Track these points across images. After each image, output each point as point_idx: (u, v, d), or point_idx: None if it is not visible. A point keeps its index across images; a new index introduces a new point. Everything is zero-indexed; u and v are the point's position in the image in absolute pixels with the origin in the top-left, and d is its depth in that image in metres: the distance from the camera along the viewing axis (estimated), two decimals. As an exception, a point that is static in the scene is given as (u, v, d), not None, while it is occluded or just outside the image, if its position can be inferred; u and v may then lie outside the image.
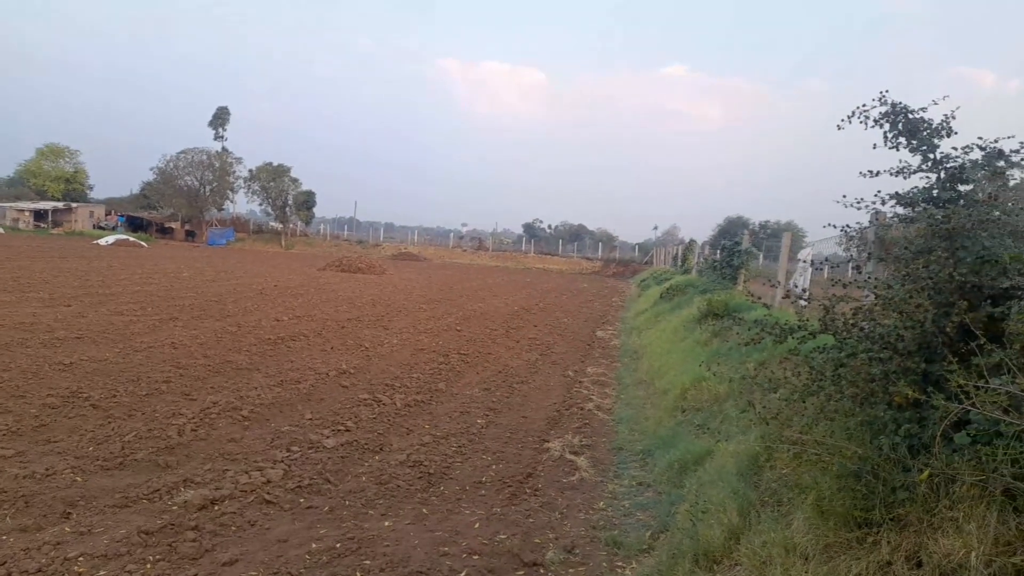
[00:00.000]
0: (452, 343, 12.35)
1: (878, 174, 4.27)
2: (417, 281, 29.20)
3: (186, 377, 8.15)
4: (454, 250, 65.52)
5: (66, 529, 4.10)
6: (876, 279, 4.03)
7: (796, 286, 8.79)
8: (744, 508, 4.08)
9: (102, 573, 3.61)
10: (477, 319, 16.42)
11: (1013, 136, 3.94)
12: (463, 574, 3.87)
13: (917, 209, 4.15)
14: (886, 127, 4.26)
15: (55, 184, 69.61)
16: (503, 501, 5.08)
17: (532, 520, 4.75)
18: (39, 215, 60.46)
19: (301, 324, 13.25)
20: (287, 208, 63.51)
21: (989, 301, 3.25)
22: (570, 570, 4.04)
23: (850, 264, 5.10)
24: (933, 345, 3.28)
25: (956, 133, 4.10)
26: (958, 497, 2.67)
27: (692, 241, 28.50)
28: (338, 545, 4.13)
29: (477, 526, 4.57)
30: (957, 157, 4.09)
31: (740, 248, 14.13)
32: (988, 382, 2.69)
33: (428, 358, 10.69)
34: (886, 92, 4.26)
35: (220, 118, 70.50)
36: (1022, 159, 3.94)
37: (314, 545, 4.11)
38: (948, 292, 3.27)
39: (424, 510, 4.82)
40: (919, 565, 2.66)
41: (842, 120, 4.31)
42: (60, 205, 62.49)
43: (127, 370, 8.24)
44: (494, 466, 5.89)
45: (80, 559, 3.72)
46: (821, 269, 9.09)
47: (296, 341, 11.28)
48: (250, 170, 64.48)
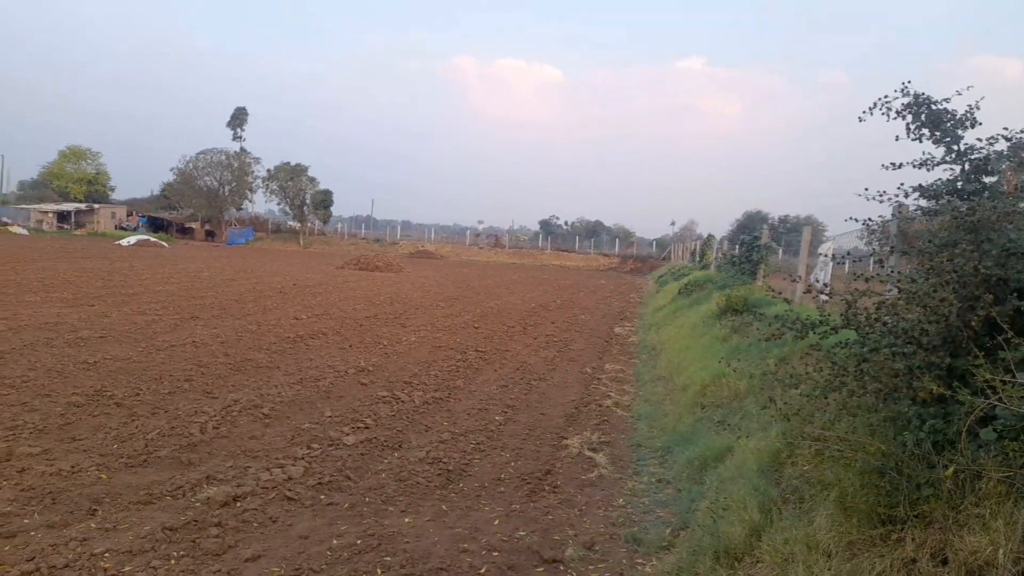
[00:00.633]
0: (470, 340, 12.38)
1: (901, 166, 4.21)
2: (434, 279, 29.29)
3: (208, 375, 8.24)
4: (471, 248, 65.60)
5: (92, 526, 4.16)
6: (899, 273, 3.98)
7: (817, 281, 8.70)
8: (765, 505, 4.04)
9: (127, 569, 3.66)
10: (494, 316, 16.43)
11: (1039, 126, 3.88)
12: (483, 571, 3.88)
13: (941, 201, 4.09)
14: (908, 118, 4.21)
15: (77, 186, 70.68)
16: (522, 498, 5.09)
17: (551, 517, 4.75)
18: (62, 216, 61.40)
19: (320, 322, 13.35)
20: (305, 207, 64.00)
21: (1015, 294, 3.19)
22: (590, 567, 4.03)
23: (872, 258, 5.04)
24: (958, 339, 3.23)
25: (980, 124, 4.04)
26: (984, 494, 2.63)
27: (710, 236, 28.32)
28: (359, 542, 4.16)
29: (496, 523, 4.58)
30: (982, 148, 4.03)
31: (759, 243, 14.00)
32: (1015, 376, 2.65)
33: (446, 355, 10.72)
34: (908, 83, 4.21)
35: (238, 119, 71.21)
36: (1049, 150, 3.87)
37: (335, 541, 4.14)
38: (973, 286, 3.22)
39: (444, 507, 4.84)
40: (944, 562, 2.63)
41: (864, 111, 4.26)
42: (83, 206, 63.42)
43: (150, 369, 8.36)
44: (513, 463, 5.89)
45: (106, 555, 3.78)
46: (842, 263, 9.01)
47: (315, 339, 11.36)
48: (268, 170, 65.08)
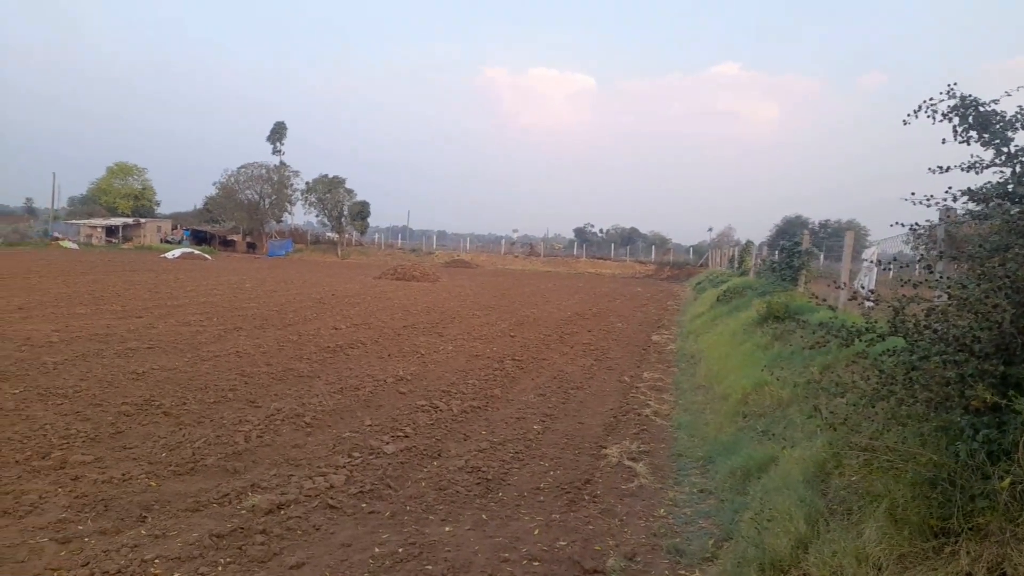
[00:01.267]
0: (506, 349, 12.40)
1: (948, 169, 4.11)
2: (470, 288, 29.43)
3: (251, 385, 8.41)
4: (506, 256, 65.75)
5: (142, 532, 4.27)
6: (948, 279, 3.87)
7: (864, 287, 8.50)
8: (812, 516, 3.96)
9: (177, 574, 3.75)
10: (530, 325, 16.44)
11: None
12: (524, 580, 3.87)
13: (991, 205, 3.97)
14: (955, 121, 4.10)
15: (125, 201, 73.03)
16: (562, 507, 5.07)
17: (591, 527, 4.72)
18: (110, 231, 63.41)
19: (359, 332, 13.52)
20: (343, 219, 65.02)
21: (1073, 300, 3.08)
22: (632, 578, 4.00)
23: (919, 263, 4.92)
24: (1012, 347, 3.13)
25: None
26: (1044, 506, 2.54)
27: (749, 242, 27.91)
28: (400, 550, 4.19)
29: (536, 532, 4.57)
30: (1034, 150, 3.91)
31: (800, 248, 13.75)
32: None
33: (483, 364, 10.76)
34: (954, 85, 4.10)
35: (277, 133, 72.73)
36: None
37: (377, 550, 4.18)
38: (1027, 291, 3.12)
39: (483, 516, 4.85)
40: (1003, 577, 2.54)
41: (908, 115, 4.17)
42: (129, 221, 65.44)
43: (195, 378, 8.57)
44: (552, 472, 5.88)
45: (156, 561, 3.88)
46: (888, 269, 8.79)
47: (354, 349, 11.51)
48: (307, 183, 66.34)
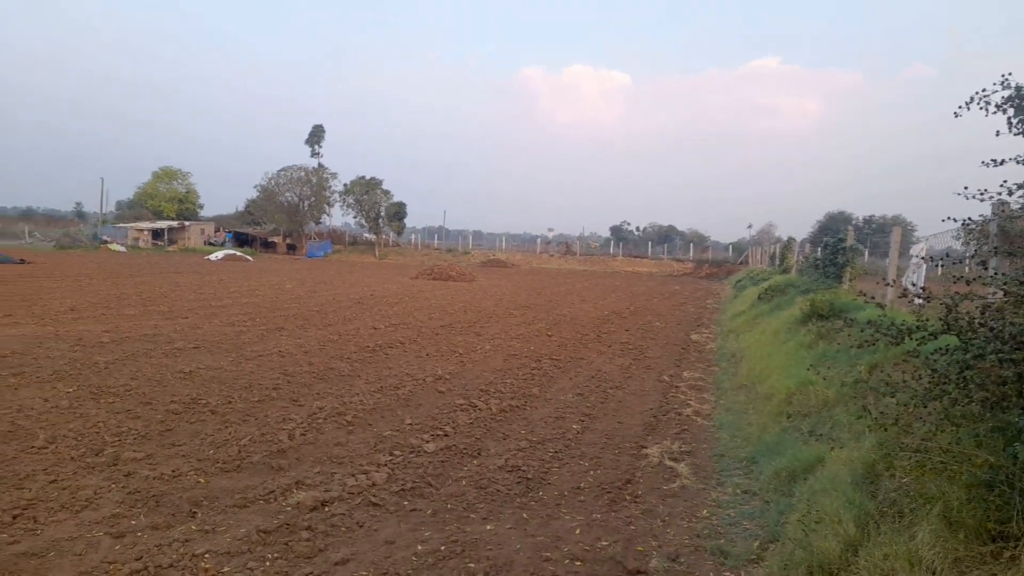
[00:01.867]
0: (544, 348, 12.39)
1: (1003, 163, 3.97)
2: (506, 287, 29.48)
3: (293, 384, 8.56)
4: (541, 255, 65.71)
5: (192, 527, 4.38)
6: (1004, 275, 3.74)
7: (914, 284, 8.27)
8: (861, 519, 3.87)
9: (226, 569, 3.83)
10: (567, 324, 16.40)
11: None
12: (566, 580, 3.86)
13: (1050, 198, 3.83)
14: (1010, 112, 3.96)
15: (169, 204, 75.01)
16: (603, 507, 5.04)
17: (633, 527, 4.69)
18: (156, 234, 65.19)
19: (397, 331, 13.66)
20: (380, 219, 65.76)
21: None
22: (675, 579, 3.96)
23: (971, 259, 4.76)
24: (1075, 345, 3.01)
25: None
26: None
27: (790, 239, 27.36)
28: (442, 547, 4.22)
29: (578, 532, 4.56)
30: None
31: (844, 245, 13.43)
32: None
33: (520, 363, 10.77)
34: (1009, 75, 3.96)
35: (316, 136, 73.92)
36: None
37: (420, 547, 4.22)
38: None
39: (524, 515, 4.85)
40: (1068, 585, 2.44)
41: (959, 107, 4.04)
42: (174, 224, 67.18)
43: (240, 377, 8.75)
44: (592, 472, 5.85)
45: (206, 556, 3.98)
46: (939, 265, 8.53)
47: (393, 348, 11.63)
48: (345, 184, 67.32)
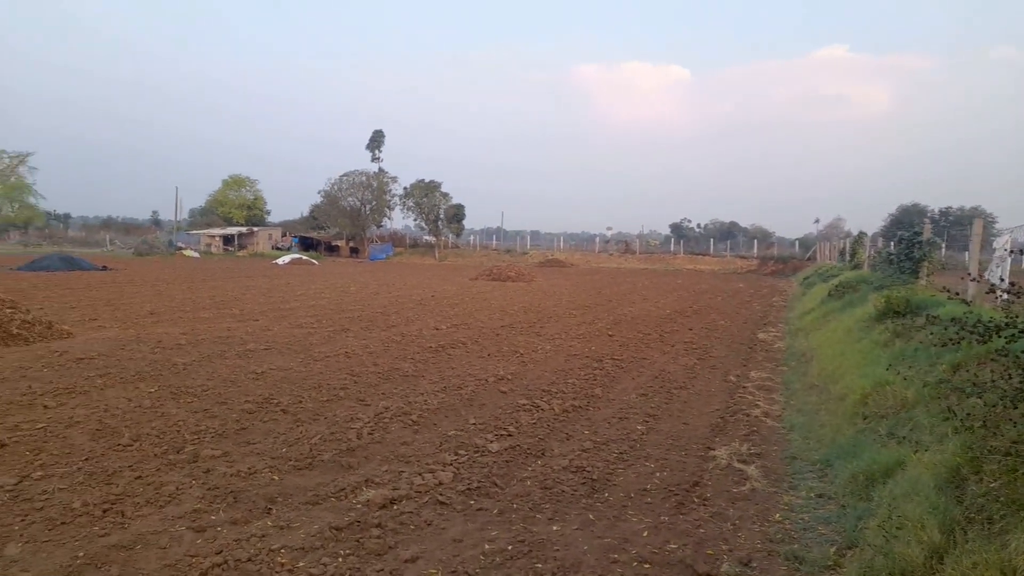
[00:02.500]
0: (605, 348, 12.28)
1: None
2: (565, 287, 29.38)
3: (360, 384, 8.75)
4: (600, 254, 65.20)
5: (268, 523, 4.52)
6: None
7: (1003, 280, 7.83)
8: (947, 525, 3.69)
9: (301, 564, 3.94)
10: (628, 323, 16.22)
11: None
12: (635, 582, 3.81)
13: None
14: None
15: (239, 211, 77.96)
16: (670, 510, 4.96)
17: (703, 530, 4.59)
18: (227, 240, 67.77)
19: (458, 332, 13.79)
20: (439, 222, 66.63)
21: None
22: (748, 584, 3.85)
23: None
24: None
25: None
26: None
27: (861, 233, 26.26)
28: (510, 547, 4.23)
29: (646, 534, 4.50)
30: None
31: (920, 239, 12.82)
32: None
33: (582, 363, 10.71)
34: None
35: (376, 141, 75.43)
36: None
37: (487, 546, 4.24)
38: None
39: (590, 516, 4.81)
40: None
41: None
42: (244, 230, 69.75)
43: (309, 378, 9.00)
44: (658, 473, 5.76)
45: (282, 551, 4.10)
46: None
47: (455, 348, 11.75)
48: (404, 188, 68.49)
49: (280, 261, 49.45)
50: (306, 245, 68.52)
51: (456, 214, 66.86)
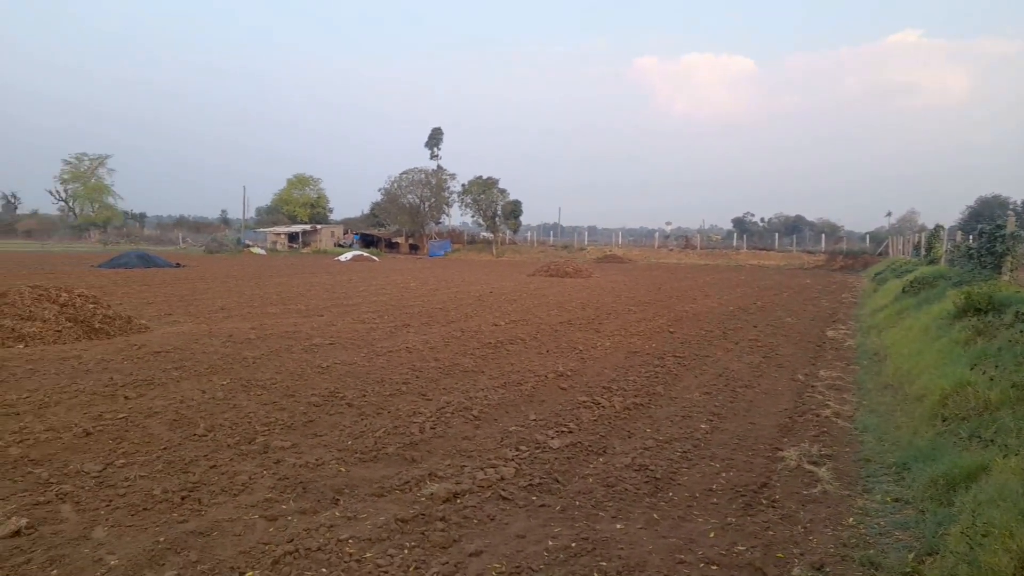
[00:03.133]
0: (666, 345, 12.10)
1: None
2: (624, 283, 29.09)
3: (421, 379, 8.86)
4: (659, 250, 64.28)
5: (336, 514, 4.63)
6: None
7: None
8: (1039, 534, 3.47)
9: (369, 555, 4.02)
10: (690, 320, 15.93)
11: None
12: (702, 584, 3.74)
13: None
14: None
15: (303, 209, 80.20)
16: (737, 511, 4.84)
17: (772, 533, 4.46)
18: (292, 237, 69.78)
19: (517, 328, 13.82)
20: (496, 218, 66.92)
21: None
22: (821, 590, 3.72)
23: None
24: None
25: None
26: None
27: (938, 227, 25.07)
28: (573, 544, 4.21)
29: (712, 535, 4.40)
30: None
31: (1003, 231, 12.14)
32: None
33: (642, 361, 10.57)
34: None
35: (434, 139, 76.39)
36: None
37: (550, 543, 4.23)
38: None
39: (654, 515, 4.74)
40: None
41: None
42: (307, 227, 71.71)
43: (372, 372, 9.18)
44: (724, 474, 5.63)
45: (350, 541, 4.19)
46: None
47: (514, 344, 11.77)
48: (462, 185, 69.09)
49: (342, 258, 50.60)
50: (367, 242, 69.93)
51: (513, 210, 67.02)
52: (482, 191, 66.41)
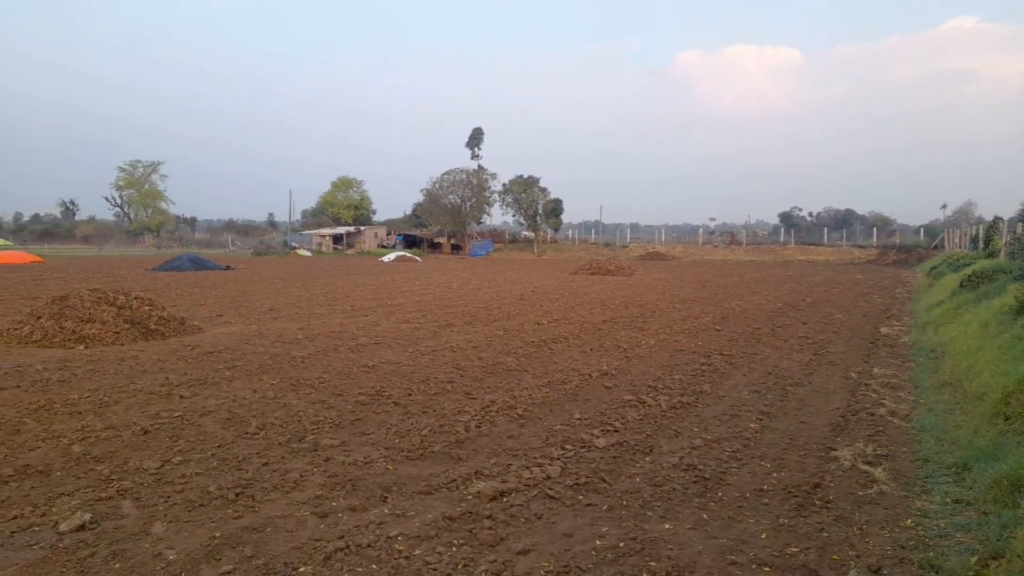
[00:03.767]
0: (712, 343, 11.91)
1: None
2: (668, 280, 28.75)
3: (465, 378, 8.92)
4: (704, 246, 63.34)
5: (385, 511, 4.69)
6: None
7: None
8: (1113, 539, 3.31)
9: (417, 552, 4.06)
10: (736, 318, 15.66)
11: None
12: (754, 586, 3.66)
13: None
14: None
15: (347, 211, 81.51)
16: (789, 512, 4.73)
17: (826, 534, 4.35)
18: (336, 239, 71.01)
19: (560, 327, 13.79)
20: (537, 217, 66.94)
21: None
22: (879, 594, 3.62)
23: None
24: None
25: None
26: None
27: (997, 219, 24.10)
28: (621, 544, 4.18)
29: (764, 536, 4.31)
30: None
31: (1069, 222, 11.59)
32: None
33: (688, 359, 10.43)
34: None
35: (475, 139, 76.73)
36: None
37: (598, 542, 4.21)
38: None
39: (704, 515, 4.67)
40: None
41: None
42: (351, 229, 72.84)
43: (417, 371, 9.27)
44: (774, 474, 5.52)
45: (399, 538, 4.24)
46: None
47: (557, 343, 11.75)
48: (503, 184, 69.25)
49: (386, 259, 51.24)
50: (409, 243, 70.70)
51: (554, 209, 66.92)
52: (523, 190, 66.46)
